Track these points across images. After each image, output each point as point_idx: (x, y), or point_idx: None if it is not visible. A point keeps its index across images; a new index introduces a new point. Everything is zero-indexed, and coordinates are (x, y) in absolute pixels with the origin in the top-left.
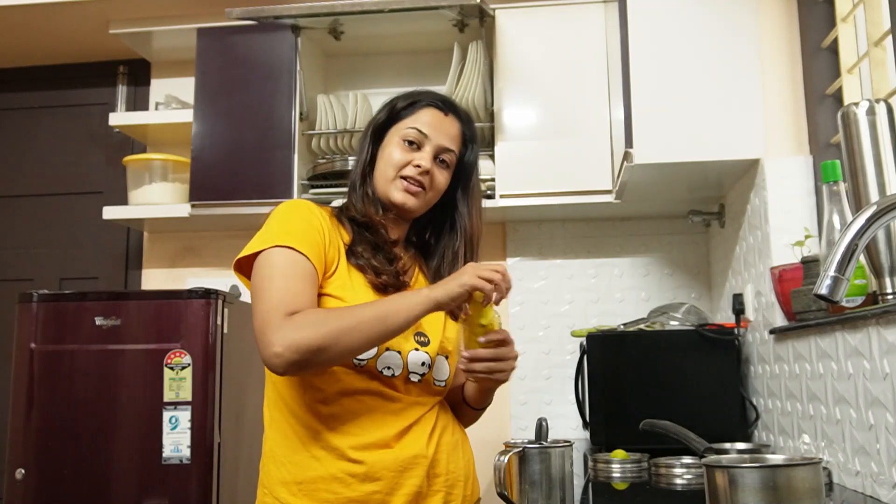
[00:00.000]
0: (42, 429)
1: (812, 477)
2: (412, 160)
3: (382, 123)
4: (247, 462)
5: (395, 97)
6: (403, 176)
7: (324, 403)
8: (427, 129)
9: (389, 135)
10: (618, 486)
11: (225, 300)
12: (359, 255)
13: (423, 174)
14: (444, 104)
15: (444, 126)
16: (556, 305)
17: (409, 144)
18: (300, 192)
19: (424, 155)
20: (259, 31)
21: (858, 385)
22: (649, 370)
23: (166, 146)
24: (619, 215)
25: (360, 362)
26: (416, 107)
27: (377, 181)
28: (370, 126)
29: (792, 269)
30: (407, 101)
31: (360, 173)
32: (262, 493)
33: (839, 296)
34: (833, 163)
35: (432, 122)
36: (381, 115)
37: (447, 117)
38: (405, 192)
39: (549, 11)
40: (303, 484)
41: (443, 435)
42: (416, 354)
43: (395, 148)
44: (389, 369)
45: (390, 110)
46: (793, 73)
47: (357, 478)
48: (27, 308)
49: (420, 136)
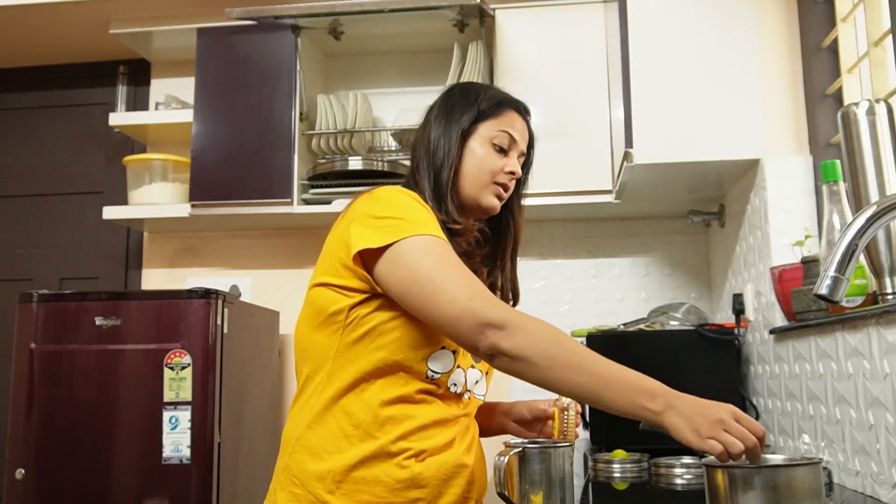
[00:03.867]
0: (42, 429)
1: (812, 477)
2: (505, 166)
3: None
4: (247, 462)
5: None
6: (498, 182)
7: (383, 406)
8: (515, 133)
9: (476, 135)
10: (618, 486)
11: (225, 300)
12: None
13: (513, 179)
14: (525, 109)
15: (525, 131)
16: (556, 305)
17: (499, 149)
18: (300, 192)
19: (514, 161)
20: (259, 31)
21: (858, 385)
22: (649, 370)
23: (166, 146)
24: (619, 215)
25: (436, 374)
26: (502, 108)
27: (465, 184)
28: (455, 123)
29: (792, 269)
30: (492, 102)
31: (449, 174)
32: (290, 482)
33: (839, 296)
34: (833, 163)
35: (517, 125)
36: (467, 117)
37: (525, 122)
38: (497, 196)
39: (549, 11)
40: (344, 483)
41: (477, 444)
42: (472, 372)
43: (488, 152)
44: (455, 386)
45: (477, 111)
46: (793, 73)
47: (403, 483)
48: (27, 308)
49: (511, 141)
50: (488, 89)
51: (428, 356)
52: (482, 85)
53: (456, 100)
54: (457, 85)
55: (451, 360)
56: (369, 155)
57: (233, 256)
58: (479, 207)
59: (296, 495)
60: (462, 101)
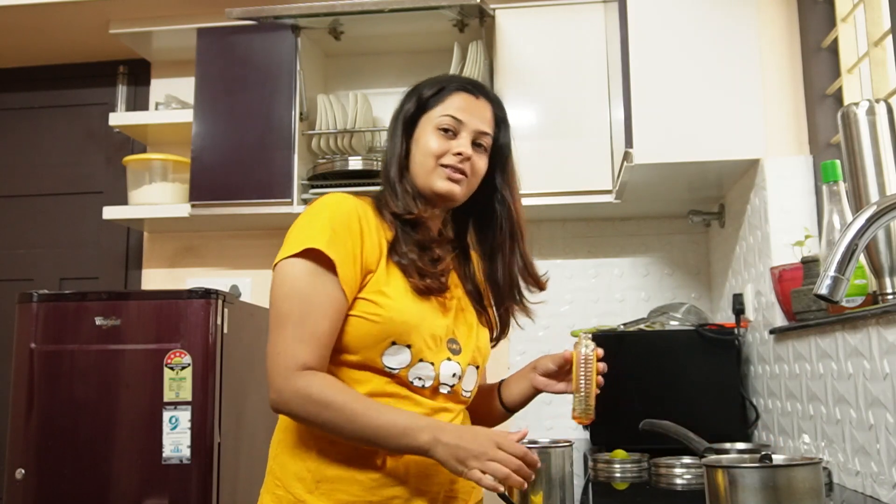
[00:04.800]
0: (42, 429)
1: (812, 477)
2: (450, 148)
3: (413, 114)
4: (247, 462)
5: (418, 85)
6: (444, 164)
7: None
8: (461, 114)
9: (421, 125)
10: (618, 486)
11: (225, 300)
12: (403, 255)
13: (463, 161)
14: (473, 87)
15: (478, 109)
16: (556, 305)
17: (445, 132)
18: (300, 192)
19: (463, 141)
20: (259, 31)
21: (858, 385)
22: (649, 370)
23: (166, 146)
24: (619, 215)
25: (392, 370)
26: (444, 93)
27: (416, 174)
28: (399, 118)
29: (792, 269)
30: (434, 88)
31: (397, 169)
32: (274, 484)
33: (839, 296)
34: (833, 163)
35: (465, 106)
36: (410, 106)
37: (478, 100)
38: (448, 179)
39: (549, 11)
40: (321, 482)
41: None
42: (448, 365)
43: (431, 137)
44: (420, 380)
45: (418, 99)
46: (793, 73)
47: (379, 482)
48: (27, 308)
49: (455, 122)
50: (438, 78)
51: (381, 353)
52: (435, 77)
53: (405, 97)
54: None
55: (407, 354)
56: (369, 155)
57: (233, 256)
58: (435, 194)
59: (278, 497)
60: (408, 95)
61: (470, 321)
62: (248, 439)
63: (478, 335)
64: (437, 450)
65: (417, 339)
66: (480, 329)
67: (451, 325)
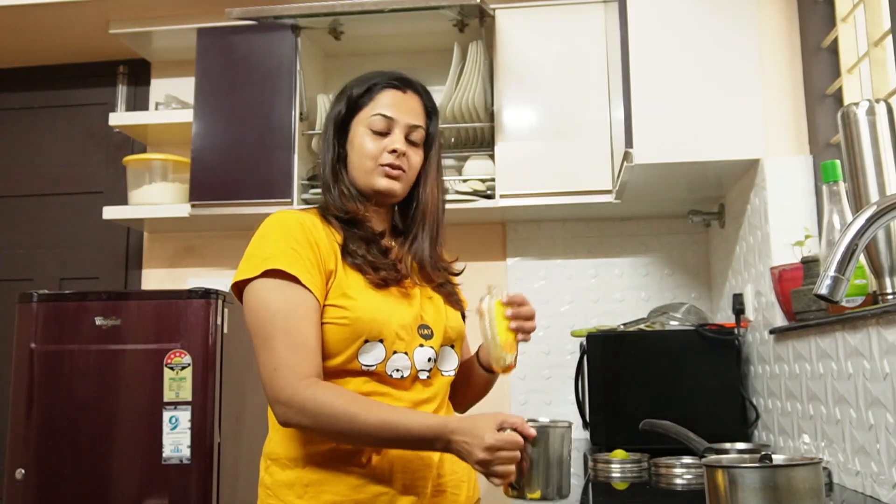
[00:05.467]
0: (42, 429)
1: (812, 477)
2: (386, 146)
3: (344, 117)
4: (247, 462)
5: (345, 87)
6: (382, 164)
7: None
8: (391, 111)
9: (354, 126)
10: (618, 486)
11: (225, 300)
12: (354, 254)
13: (399, 157)
14: (399, 81)
15: (407, 104)
16: (556, 305)
17: (378, 132)
18: (300, 192)
19: (396, 138)
20: (259, 31)
21: (858, 385)
22: (649, 370)
23: (166, 146)
24: (619, 215)
25: (369, 367)
26: (373, 91)
27: (355, 175)
28: (330, 121)
29: (792, 269)
30: (362, 88)
31: (331, 171)
32: (266, 494)
33: (839, 296)
34: (833, 163)
35: (394, 103)
36: (341, 108)
37: (406, 94)
38: (387, 177)
39: (549, 11)
40: (309, 486)
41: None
42: (421, 351)
43: (365, 138)
44: (398, 371)
45: (347, 101)
46: (793, 73)
47: (365, 480)
48: (27, 308)
49: (386, 121)
50: (364, 77)
51: (357, 352)
52: (361, 76)
53: (335, 99)
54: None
55: (381, 349)
56: None
57: (233, 256)
58: (376, 193)
59: None
60: (338, 97)
61: (437, 303)
62: (248, 439)
63: (447, 315)
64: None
65: (388, 332)
66: (449, 309)
67: (419, 311)
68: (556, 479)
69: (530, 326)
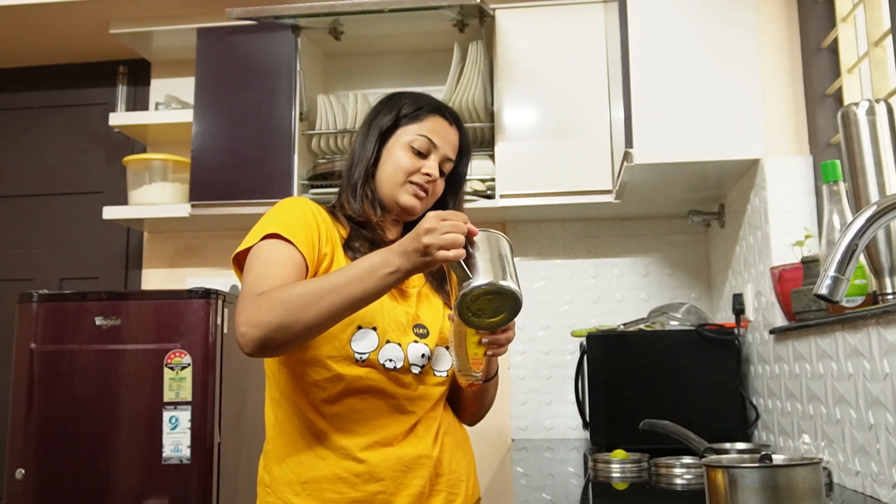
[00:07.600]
0: (42, 429)
1: (812, 477)
2: (421, 167)
3: (389, 127)
4: (247, 462)
5: (396, 98)
6: (412, 182)
7: (328, 403)
8: (435, 137)
9: (395, 137)
10: (618, 486)
11: (225, 300)
12: (356, 250)
13: (430, 182)
14: (449, 114)
15: (449, 136)
16: (556, 305)
17: (417, 152)
18: (300, 191)
19: (433, 164)
20: (259, 31)
21: (858, 385)
22: (649, 370)
23: (166, 146)
24: (619, 215)
25: (362, 356)
26: (422, 112)
27: (382, 183)
28: (375, 127)
29: (792, 269)
30: (413, 106)
31: (363, 173)
32: (265, 492)
33: (839, 296)
34: (833, 163)
35: (439, 131)
36: (387, 119)
37: (451, 127)
38: (414, 196)
39: (549, 11)
40: (307, 484)
41: (446, 435)
42: (415, 346)
43: (404, 153)
44: (391, 361)
45: (396, 113)
46: (793, 73)
47: (362, 477)
48: (27, 308)
49: (430, 145)
50: (416, 96)
51: (350, 338)
52: (413, 93)
53: (381, 106)
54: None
55: (373, 337)
56: None
57: None
58: (397, 206)
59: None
60: (386, 107)
61: (436, 305)
62: (248, 439)
63: (444, 317)
64: (408, 260)
65: (382, 322)
66: (448, 311)
67: (414, 311)
68: (502, 270)
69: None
